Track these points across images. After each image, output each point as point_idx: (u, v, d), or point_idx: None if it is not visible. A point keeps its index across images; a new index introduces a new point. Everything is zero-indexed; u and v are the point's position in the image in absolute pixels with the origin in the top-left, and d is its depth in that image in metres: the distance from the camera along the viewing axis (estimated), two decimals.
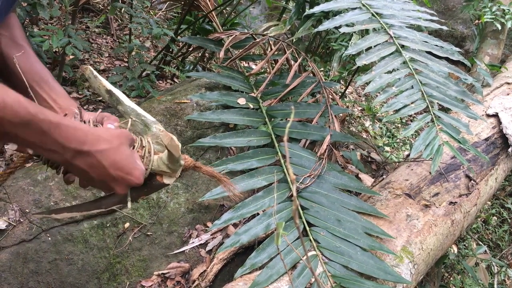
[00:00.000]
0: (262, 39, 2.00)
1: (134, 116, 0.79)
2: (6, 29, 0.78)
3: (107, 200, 0.82)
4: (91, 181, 0.68)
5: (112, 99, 0.79)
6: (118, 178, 0.67)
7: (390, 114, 1.48)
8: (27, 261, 1.39)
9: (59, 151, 0.60)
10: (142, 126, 0.79)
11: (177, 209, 1.65)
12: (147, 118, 0.79)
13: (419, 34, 1.69)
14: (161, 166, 0.78)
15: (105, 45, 3.24)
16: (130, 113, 0.79)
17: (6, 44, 0.77)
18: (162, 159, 0.78)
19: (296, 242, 1.35)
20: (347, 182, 1.56)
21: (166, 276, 1.53)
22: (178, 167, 0.79)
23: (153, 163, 0.78)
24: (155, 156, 0.79)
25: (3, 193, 1.45)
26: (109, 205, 0.82)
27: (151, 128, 0.79)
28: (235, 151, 1.84)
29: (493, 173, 1.92)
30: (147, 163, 0.77)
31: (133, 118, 0.79)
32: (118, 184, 0.68)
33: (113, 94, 0.78)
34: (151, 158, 0.78)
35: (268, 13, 4.42)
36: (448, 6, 6.12)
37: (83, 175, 0.66)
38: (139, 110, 0.79)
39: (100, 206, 0.82)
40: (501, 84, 2.47)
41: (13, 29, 0.79)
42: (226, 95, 1.81)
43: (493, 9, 3.22)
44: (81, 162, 0.62)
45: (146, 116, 0.79)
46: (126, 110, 0.79)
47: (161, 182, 0.80)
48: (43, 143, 0.57)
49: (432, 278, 2.10)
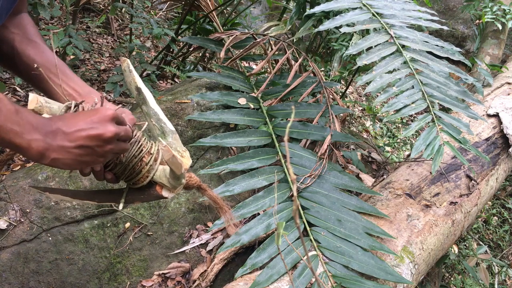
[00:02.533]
0: (263, 39, 2.00)
1: (154, 120, 0.78)
2: (19, 28, 0.81)
3: (102, 195, 0.81)
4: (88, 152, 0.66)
5: (139, 97, 0.78)
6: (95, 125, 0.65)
7: (390, 114, 1.48)
8: (27, 261, 1.39)
9: (40, 137, 0.60)
10: (160, 132, 0.79)
11: (178, 209, 1.65)
12: (167, 126, 0.78)
13: (420, 34, 1.68)
14: (163, 178, 0.77)
15: (106, 45, 3.24)
16: (152, 115, 0.78)
17: (20, 42, 0.79)
18: (165, 171, 0.77)
19: (297, 242, 1.35)
20: (348, 182, 1.56)
21: (167, 276, 1.53)
22: (179, 184, 0.78)
23: (156, 172, 0.77)
24: (160, 166, 0.77)
25: (3, 193, 1.45)
26: (102, 200, 0.81)
27: (167, 137, 0.79)
28: (236, 151, 1.84)
29: (493, 173, 1.92)
30: (150, 171, 0.76)
31: (153, 122, 0.78)
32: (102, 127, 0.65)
33: (141, 93, 0.77)
34: (156, 166, 0.77)
35: (268, 13, 4.43)
36: (449, 6, 6.12)
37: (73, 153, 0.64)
38: (161, 116, 0.78)
39: (94, 199, 0.80)
40: (502, 84, 2.47)
41: (26, 28, 0.82)
42: (226, 95, 1.81)
43: (494, 9, 3.22)
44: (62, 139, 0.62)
45: (166, 123, 0.78)
46: (149, 112, 0.78)
47: (159, 194, 0.79)
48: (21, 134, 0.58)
49: (433, 278, 2.09)
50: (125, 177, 0.77)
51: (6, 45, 0.80)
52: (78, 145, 0.64)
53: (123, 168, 0.76)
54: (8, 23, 0.80)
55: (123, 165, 0.75)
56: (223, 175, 1.77)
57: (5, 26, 0.79)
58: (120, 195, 0.79)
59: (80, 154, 0.64)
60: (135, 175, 0.77)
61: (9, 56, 0.80)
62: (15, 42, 0.79)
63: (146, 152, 0.76)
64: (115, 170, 0.76)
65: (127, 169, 0.76)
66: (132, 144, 0.75)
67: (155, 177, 0.77)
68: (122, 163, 0.75)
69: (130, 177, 0.77)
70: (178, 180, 0.77)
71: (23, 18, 0.83)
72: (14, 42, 0.79)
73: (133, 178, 0.77)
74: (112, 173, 0.76)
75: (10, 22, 0.80)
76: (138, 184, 0.78)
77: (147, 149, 0.76)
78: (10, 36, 0.80)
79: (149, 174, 0.76)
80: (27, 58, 0.78)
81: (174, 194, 0.80)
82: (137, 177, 0.77)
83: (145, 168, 0.76)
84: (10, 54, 0.79)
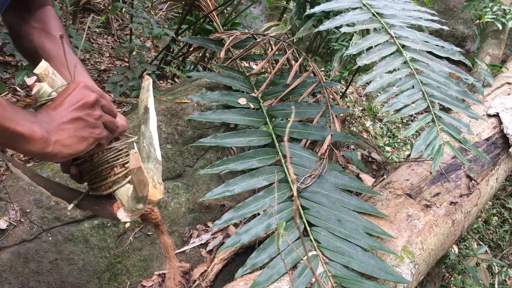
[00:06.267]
0: (263, 39, 2.00)
1: (147, 142, 0.77)
2: (39, 22, 0.81)
3: (59, 189, 0.77)
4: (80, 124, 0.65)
5: (144, 116, 0.77)
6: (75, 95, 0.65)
7: (390, 114, 1.48)
8: (27, 261, 1.39)
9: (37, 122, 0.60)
10: (145, 156, 0.77)
11: (178, 209, 1.65)
12: (155, 153, 0.77)
13: (420, 34, 1.68)
14: (124, 196, 0.73)
15: (106, 45, 3.24)
16: (146, 137, 0.77)
17: (39, 35, 0.79)
18: (129, 191, 0.73)
19: (297, 242, 1.35)
20: (348, 182, 1.56)
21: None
22: (137, 209, 0.73)
23: (120, 187, 0.74)
24: (127, 185, 0.74)
25: (4, 193, 1.45)
26: (57, 194, 0.77)
27: (149, 163, 0.77)
28: (236, 151, 1.84)
29: (494, 173, 1.92)
30: (115, 183, 0.74)
31: (144, 144, 0.77)
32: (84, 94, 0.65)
33: (147, 113, 0.77)
34: (123, 182, 0.74)
35: (269, 13, 4.43)
36: (449, 6, 6.12)
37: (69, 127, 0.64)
38: (155, 142, 0.77)
39: (49, 189, 0.77)
40: (502, 84, 2.47)
41: (47, 21, 0.82)
42: (226, 95, 1.81)
43: (494, 9, 3.22)
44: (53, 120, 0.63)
45: (156, 150, 0.77)
46: (145, 133, 0.77)
47: (114, 212, 0.74)
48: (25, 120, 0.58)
49: (433, 278, 2.09)
50: (89, 178, 0.74)
51: (27, 40, 0.80)
52: (69, 119, 0.63)
53: (90, 168, 0.73)
54: (29, 17, 0.80)
55: (92, 165, 0.73)
56: (223, 175, 1.77)
57: (26, 21, 0.80)
58: (76, 196, 0.76)
59: (75, 128, 0.64)
60: (99, 180, 0.74)
61: (30, 51, 0.80)
62: (34, 36, 0.79)
63: (120, 163, 0.74)
64: (83, 166, 0.73)
65: (94, 171, 0.73)
66: (111, 149, 0.73)
67: (117, 192, 0.74)
68: (93, 162, 0.72)
69: (94, 181, 0.74)
70: (138, 204, 0.72)
71: (46, 11, 0.83)
72: (33, 36, 0.79)
73: (96, 183, 0.74)
74: (78, 169, 0.73)
75: (32, 16, 0.80)
76: (98, 191, 0.75)
77: (123, 162, 0.74)
78: (29, 31, 0.80)
79: (112, 186, 0.73)
80: (42, 51, 0.78)
81: (128, 219, 0.74)
82: (100, 183, 0.74)
83: (111, 178, 0.73)
84: (32, 48, 0.79)
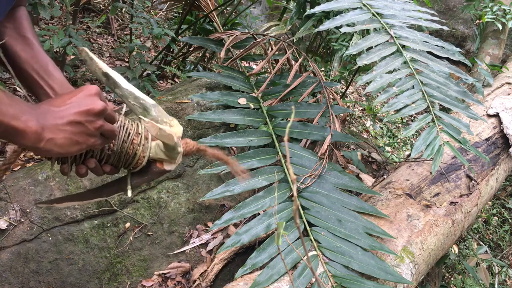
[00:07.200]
0: (263, 39, 2.00)
1: (132, 99, 0.75)
2: (12, 21, 0.79)
3: (108, 189, 0.80)
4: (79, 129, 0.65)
5: (109, 82, 0.75)
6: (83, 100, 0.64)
7: (391, 114, 1.48)
8: (28, 261, 1.39)
9: (31, 118, 0.59)
10: (142, 110, 0.76)
11: (178, 209, 1.65)
12: (146, 101, 0.76)
13: (420, 34, 1.68)
14: (159, 154, 0.76)
15: (106, 45, 3.24)
16: (128, 96, 0.75)
17: (10, 36, 0.78)
18: (160, 146, 0.76)
19: (297, 242, 1.35)
20: (348, 182, 1.56)
21: (167, 276, 1.53)
22: (177, 154, 0.76)
23: (150, 150, 0.76)
24: (153, 143, 0.76)
25: (4, 193, 1.45)
26: (110, 193, 0.80)
27: (150, 112, 0.76)
28: (236, 151, 1.84)
29: (494, 173, 1.92)
30: (144, 150, 0.75)
31: (131, 102, 0.75)
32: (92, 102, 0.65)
33: (110, 77, 0.74)
34: (148, 144, 0.75)
35: (269, 13, 4.43)
36: (449, 6, 6.12)
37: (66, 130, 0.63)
38: (138, 93, 0.76)
39: (101, 194, 0.80)
40: (502, 84, 2.47)
41: (19, 22, 0.80)
42: (227, 95, 1.81)
43: (494, 9, 3.22)
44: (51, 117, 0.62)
45: (145, 99, 0.76)
46: (124, 93, 0.75)
47: (162, 169, 0.77)
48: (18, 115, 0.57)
49: (433, 278, 2.09)
50: (122, 164, 0.76)
51: None
52: (70, 121, 0.63)
53: (117, 157, 0.74)
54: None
55: (116, 154, 0.74)
56: (223, 175, 1.77)
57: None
58: (125, 183, 0.78)
59: (72, 131, 0.63)
60: (131, 160, 0.75)
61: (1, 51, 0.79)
62: (5, 36, 0.78)
63: (134, 134, 0.75)
64: (111, 160, 0.74)
65: (122, 156, 0.74)
66: (118, 130, 0.73)
67: (151, 155, 0.76)
68: (115, 152, 0.73)
69: (128, 163, 0.76)
70: (174, 150, 0.75)
71: (19, 11, 0.81)
72: (4, 36, 0.78)
73: (130, 163, 0.76)
74: (109, 164, 0.75)
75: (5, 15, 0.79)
76: (137, 166, 0.77)
77: (134, 130, 0.75)
78: (1, 30, 0.78)
79: (144, 154, 0.75)
80: (13, 53, 0.77)
81: (176, 164, 0.78)
82: (134, 161, 0.75)
83: (138, 150, 0.75)
84: (2, 47, 0.78)
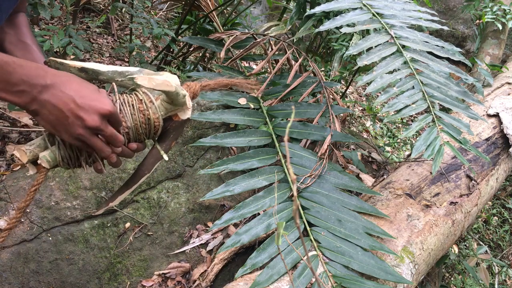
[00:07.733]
0: (263, 39, 2.00)
1: (118, 76, 0.75)
2: (12, 27, 0.81)
3: (145, 165, 0.81)
4: (63, 120, 0.67)
5: (90, 75, 0.75)
6: (85, 106, 0.67)
7: (391, 114, 1.48)
8: (28, 261, 1.39)
9: (27, 89, 0.63)
10: (132, 83, 0.76)
11: (178, 209, 1.65)
12: (131, 71, 0.76)
13: (420, 34, 1.68)
14: (169, 108, 0.77)
15: (106, 45, 3.24)
16: (113, 77, 0.75)
17: (10, 42, 0.80)
18: (165, 101, 0.76)
19: (297, 242, 1.35)
20: (348, 182, 1.56)
21: (167, 276, 1.53)
22: (184, 98, 0.77)
23: (160, 108, 0.76)
24: (157, 102, 0.77)
25: (4, 193, 1.45)
26: (149, 166, 0.81)
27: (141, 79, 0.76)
28: (236, 151, 1.84)
29: (494, 173, 1.92)
30: (155, 112, 0.76)
31: (119, 79, 0.75)
32: (87, 114, 0.67)
33: (88, 69, 0.74)
34: (156, 104, 0.76)
35: (269, 13, 4.43)
36: (449, 6, 6.12)
37: (53, 113, 0.66)
38: (120, 69, 0.76)
39: (143, 173, 0.81)
40: (502, 84, 2.47)
41: (19, 28, 0.82)
42: (227, 95, 1.81)
43: (494, 9, 3.22)
44: (49, 95, 0.65)
45: (129, 70, 0.76)
46: (108, 76, 0.75)
47: (180, 120, 0.79)
48: (10, 85, 0.61)
49: (433, 278, 2.09)
50: (144, 135, 0.77)
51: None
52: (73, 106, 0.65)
53: (135, 130, 0.75)
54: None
55: (132, 128, 0.75)
56: (223, 175, 1.77)
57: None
58: (157, 151, 0.80)
59: (63, 116, 0.66)
60: (148, 126, 0.77)
61: None
62: (5, 42, 0.79)
63: (137, 103, 0.75)
64: (132, 137, 0.76)
65: (138, 127, 0.76)
66: (121, 109, 0.74)
67: (163, 113, 0.77)
68: (130, 126, 0.75)
69: (147, 131, 0.77)
70: (178, 96, 0.76)
71: (19, 17, 0.83)
72: (4, 42, 0.79)
73: (150, 130, 0.77)
74: (133, 141, 0.76)
75: (5, 21, 0.80)
76: (157, 130, 0.78)
77: (134, 100, 0.76)
78: (1, 36, 0.80)
79: (157, 115, 0.76)
80: None
81: (190, 109, 0.80)
82: (151, 126, 0.77)
83: (149, 114, 0.76)
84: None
